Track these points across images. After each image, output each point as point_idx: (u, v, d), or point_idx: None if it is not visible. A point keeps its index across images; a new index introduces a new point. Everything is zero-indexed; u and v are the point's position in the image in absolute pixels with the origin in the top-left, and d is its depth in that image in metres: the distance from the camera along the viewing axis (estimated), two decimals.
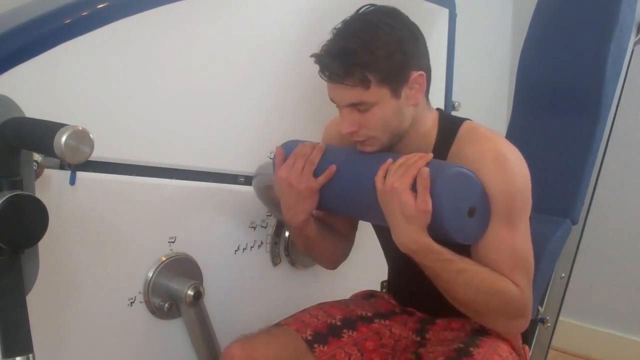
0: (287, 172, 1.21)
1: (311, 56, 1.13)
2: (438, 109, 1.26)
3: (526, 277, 1.13)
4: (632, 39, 1.64)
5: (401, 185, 1.05)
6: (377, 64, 1.09)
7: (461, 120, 1.22)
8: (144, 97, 1.24)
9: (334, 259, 1.38)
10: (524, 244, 1.14)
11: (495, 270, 1.11)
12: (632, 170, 2.32)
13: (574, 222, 1.59)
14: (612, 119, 1.63)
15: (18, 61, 1.06)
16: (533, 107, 1.73)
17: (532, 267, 1.15)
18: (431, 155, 1.09)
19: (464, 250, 1.12)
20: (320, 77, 1.14)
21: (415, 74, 1.13)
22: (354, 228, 1.40)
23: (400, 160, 1.09)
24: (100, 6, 1.16)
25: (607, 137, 1.62)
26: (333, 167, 1.19)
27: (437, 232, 1.07)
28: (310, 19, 1.51)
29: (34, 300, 1.00)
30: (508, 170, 1.11)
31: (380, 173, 1.09)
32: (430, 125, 1.21)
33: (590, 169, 1.59)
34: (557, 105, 1.66)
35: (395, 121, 1.15)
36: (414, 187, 1.05)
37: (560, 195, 1.58)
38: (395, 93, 1.12)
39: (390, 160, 1.10)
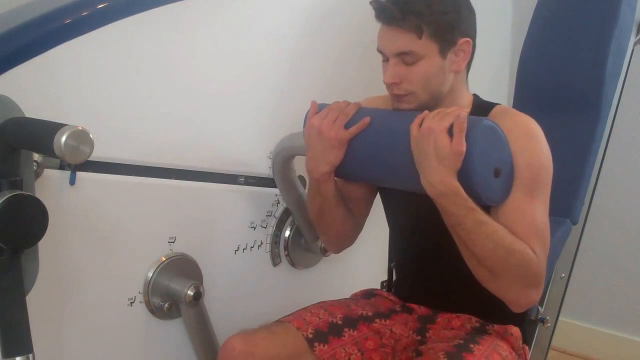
0: (319, 121, 1.23)
1: (370, 2, 1.18)
2: (474, 94, 1.30)
3: (543, 247, 1.14)
4: (632, 39, 1.64)
5: (438, 127, 1.08)
6: (432, 17, 1.15)
7: (495, 104, 1.27)
8: (143, 97, 1.24)
9: (342, 235, 1.38)
10: (542, 217, 1.16)
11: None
12: (632, 170, 2.32)
13: (574, 222, 1.60)
14: (612, 119, 1.63)
15: (18, 61, 1.06)
16: (533, 107, 1.72)
17: (548, 242, 1.17)
18: (468, 110, 1.13)
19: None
20: (376, 20, 1.19)
21: (462, 40, 1.19)
22: (367, 209, 1.41)
23: (437, 110, 1.13)
24: (100, 6, 1.16)
25: (607, 137, 1.62)
26: (367, 119, 1.21)
27: (464, 184, 1.09)
28: (313, 20, 1.51)
29: (34, 300, 1.00)
30: (536, 145, 1.16)
31: (417, 121, 1.13)
32: (465, 104, 1.25)
33: (590, 169, 1.59)
34: (557, 105, 1.65)
35: (436, 80, 1.19)
36: (449, 133, 1.08)
37: (560, 195, 1.57)
38: (442, 52, 1.18)
39: (426, 112, 1.14)
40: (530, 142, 1.16)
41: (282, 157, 1.42)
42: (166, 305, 1.32)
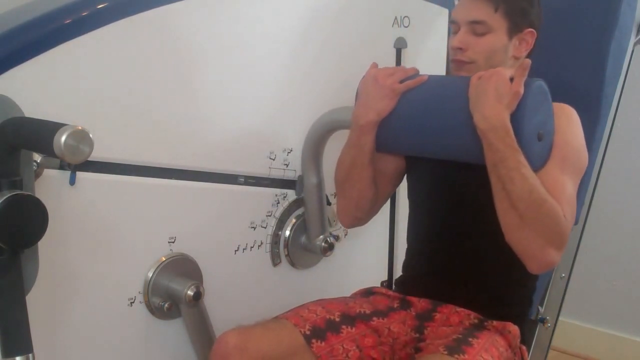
0: (377, 71, 1.29)
1: None
2: None
3: (571, 213, 1.18)
4: (632, 39, 1.63)
5: (501, 71, 1.15)
6: None
7: None
8: (144, 97, 1.24)
9: (361, 203, 1.38)
10: (572, 191, 1.20)
11: None
12: (632, 170, 2.32)
13: (574, 222, 1.59)
14: (612, 119, 1.63)
15: (18, 61, 1.06)
16: None
17: (575, 215, 1.21)
18: None
19: None
20: None
21: (528, 30, 1.29)
22: (391, 187, 1.44)
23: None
24: (100, 6, 1.16)
25: (607, 137, 1.62)
26: (424, 76, 1.26)
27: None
28: (314, 21, 1.51)
29: (34, 300, 1.00)
30: (575, 129, 1.24)
31: (478, 74, 1.18)
32: None
33: (590, 169, 1.59)
34: None
35: (498, 57, 1.27)
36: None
37: None
38: (510, 33, 1.27)
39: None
40: (570, 124, 1.23)
41: (321, 131, 1.42)
42: (166, 305, 1.32)
